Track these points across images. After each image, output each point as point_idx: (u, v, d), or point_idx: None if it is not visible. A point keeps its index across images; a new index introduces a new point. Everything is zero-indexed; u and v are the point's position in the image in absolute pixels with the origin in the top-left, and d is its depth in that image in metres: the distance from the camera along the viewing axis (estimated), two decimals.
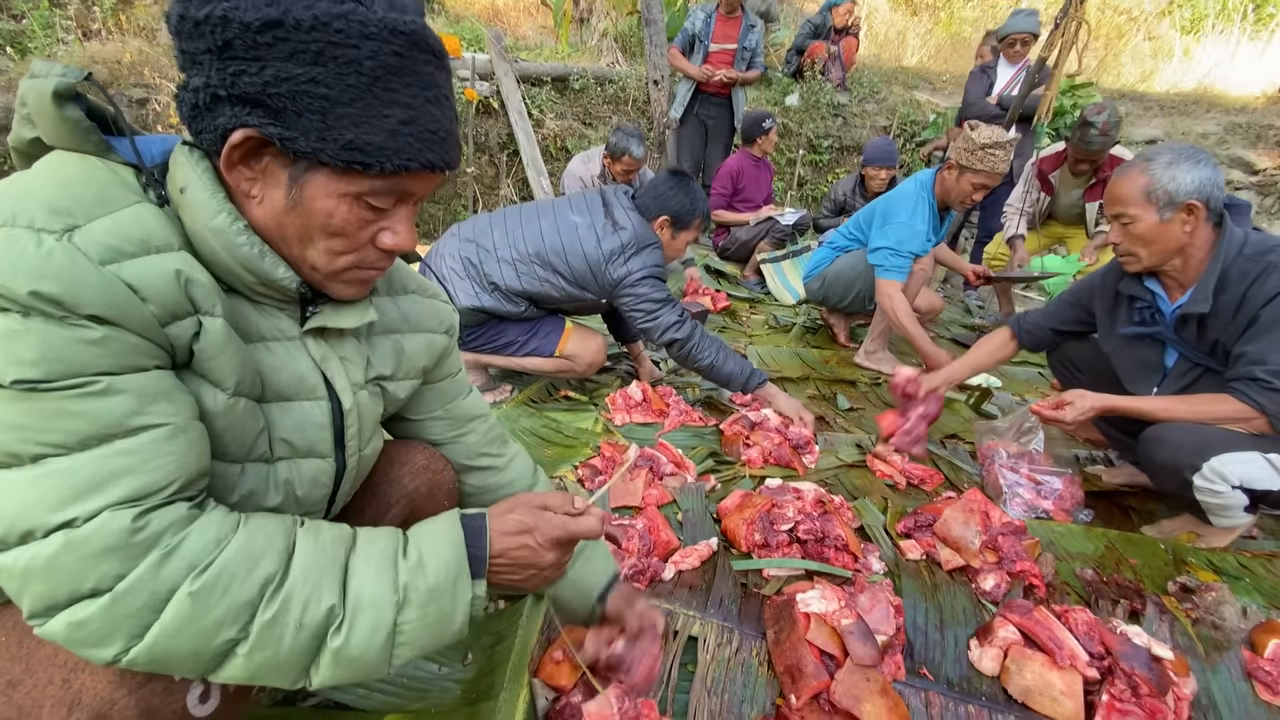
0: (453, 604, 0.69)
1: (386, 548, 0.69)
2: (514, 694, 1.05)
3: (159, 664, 0.58)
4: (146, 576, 0.56)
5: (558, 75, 5.98)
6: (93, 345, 0.56)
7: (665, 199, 2.19)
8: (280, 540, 0.64)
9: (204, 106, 0.62)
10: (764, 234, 4.58)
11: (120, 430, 0.57)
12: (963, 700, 1.17)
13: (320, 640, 0.63)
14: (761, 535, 1.52)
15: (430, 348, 0.95)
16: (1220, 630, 1.37)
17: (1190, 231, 1.58)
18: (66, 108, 0.61)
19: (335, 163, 0.63)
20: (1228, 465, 1.51)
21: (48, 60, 0.62)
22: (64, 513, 0.55)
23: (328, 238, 0.68)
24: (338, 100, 0.61)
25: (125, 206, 0.60)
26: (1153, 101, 7.82)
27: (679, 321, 2.16)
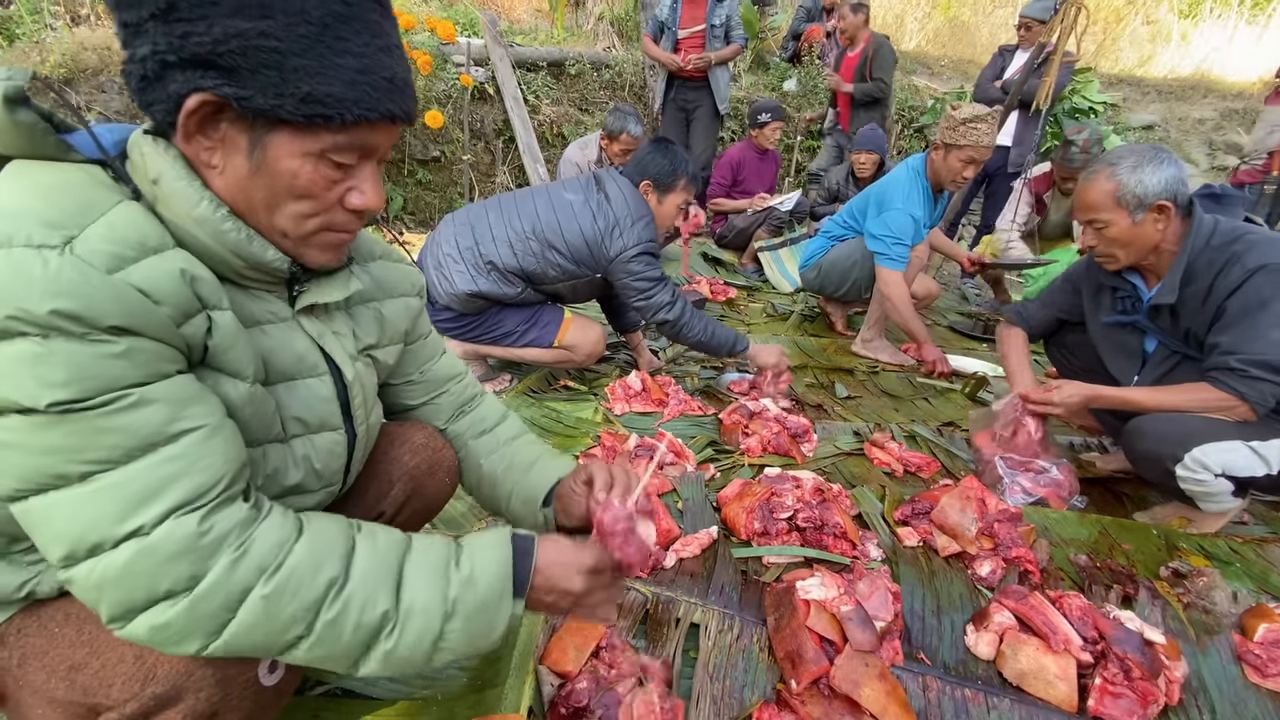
0: (494, 619, 0.72)
1: (440, 558, 0.72)
2: (520, 681, 1.07)
3: (233, 652, 0.62)
4: (221, 579, 0.59)
5: (553, 60, 5.92)
6: (118, 359, 0.56)
7: (645, 164, 2.21)
8: (340, 544, 0.68)
9: (153, 76, 0.60)
10: (761, 221, 4.57)
11: (162, 438, 0.59)
12: (959, 684, 1.19)
13: (373, 640, 0.66)
14: (761, 523, 1.54)
15: (407, 311, 0.97)
16: (1211, 615, 1.39)
17: (1163, 229, 1.61)
18: (19, 112, 0.59)
19: (296, 118, 0.62)
20: (1209, 455, 1.54)
21: None
22: (129, 523, 0.57)
23: (295, 200, 0.67)
24: (289, 52, 0.60)
25: (110, 208, 0.59)
26: (1150, 86, 7.80)
27: (671, 302, 2.19)
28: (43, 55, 4.30)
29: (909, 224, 2.72)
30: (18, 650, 0.70)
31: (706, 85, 4.80)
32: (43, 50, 4.33)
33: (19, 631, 0.71)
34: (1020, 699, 1.17)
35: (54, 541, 0.57)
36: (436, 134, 5.02)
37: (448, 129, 4.98)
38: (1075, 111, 5.47)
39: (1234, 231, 1.59)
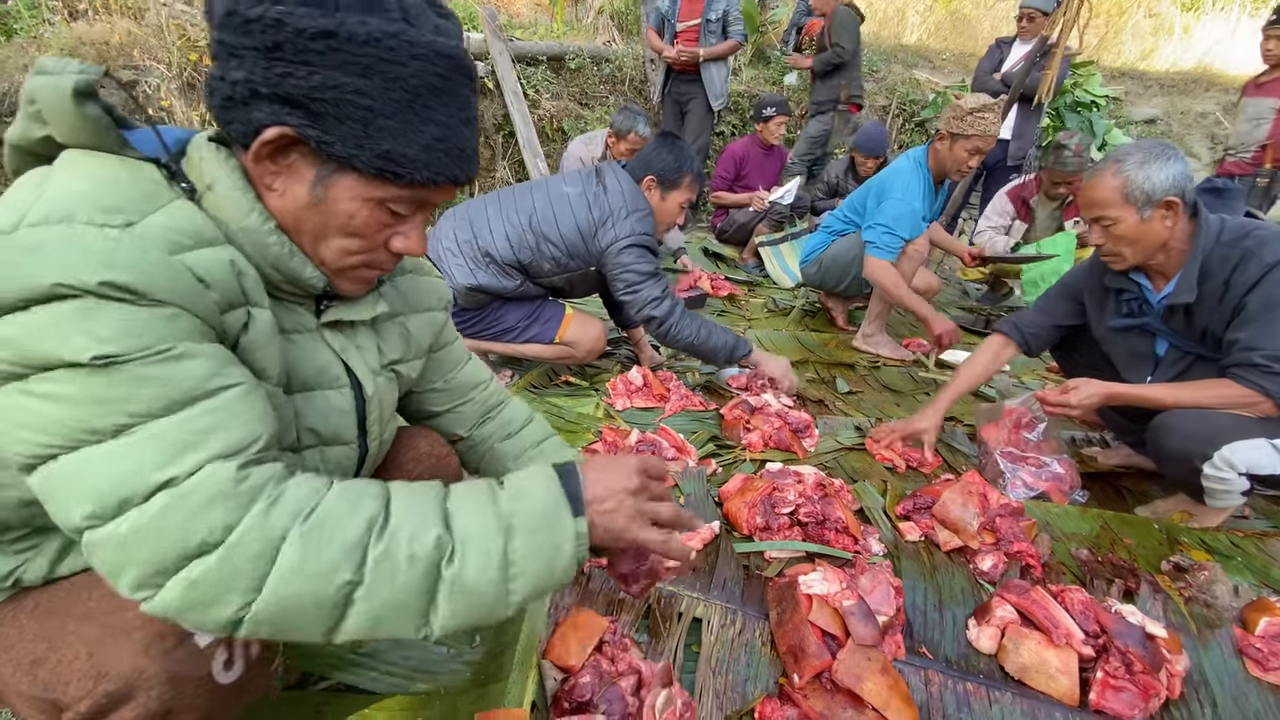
0: (558, 533, 0.68)
1: (481, 487, 0.70)
2: (523, 675, 1.07)
3: (285, 619, 0.57)
4: (255, 524, 0.56)
5: (553, 54, 5.91)
6: (166, 321, 0.57)
7: (649, 160, 2.18)
8: (376, 489, 0.65)
9: (240, 100, 0.63)
10: (762, 216, 4.56)
11: (201, 391, 0.58)
12: (961, 678, 1.19)
13: (435, 572, 0.62)
14: (763, 518, 1.54)
15: (432, 325, 0.98)
16: (1212, 608, 1.40)
17: (1171, 226, 1.59)
18: (87, 106, 0.60)
19: (368, 169, 0.65)
20: (1237, 453, 1.52)
21: (56, 57, 0.62)
22: (164, 472, 0.55)
23: (344, 237, 0.71)
24: (380, 112, 0.63)
25: (168, 203, 0.61)
26: (1152, 80, 7.77)
27: (659, 298, 2.13)
28: (41, 50, 4.28)
29: (907, 215, 2.72)
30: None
31: (700, 80, 4.76)
32: (41, 45, 4.32)
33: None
34: (1022, 693, 1.17)
35: (80, 500, 0.54)
36: None
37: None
38: (1077, 105, 5.45)
39: (1243, 227, 1.58)
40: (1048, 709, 1.14)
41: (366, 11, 0.61)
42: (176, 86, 4.48)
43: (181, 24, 4.68)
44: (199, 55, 4.65)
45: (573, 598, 1.29)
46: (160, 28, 4.63)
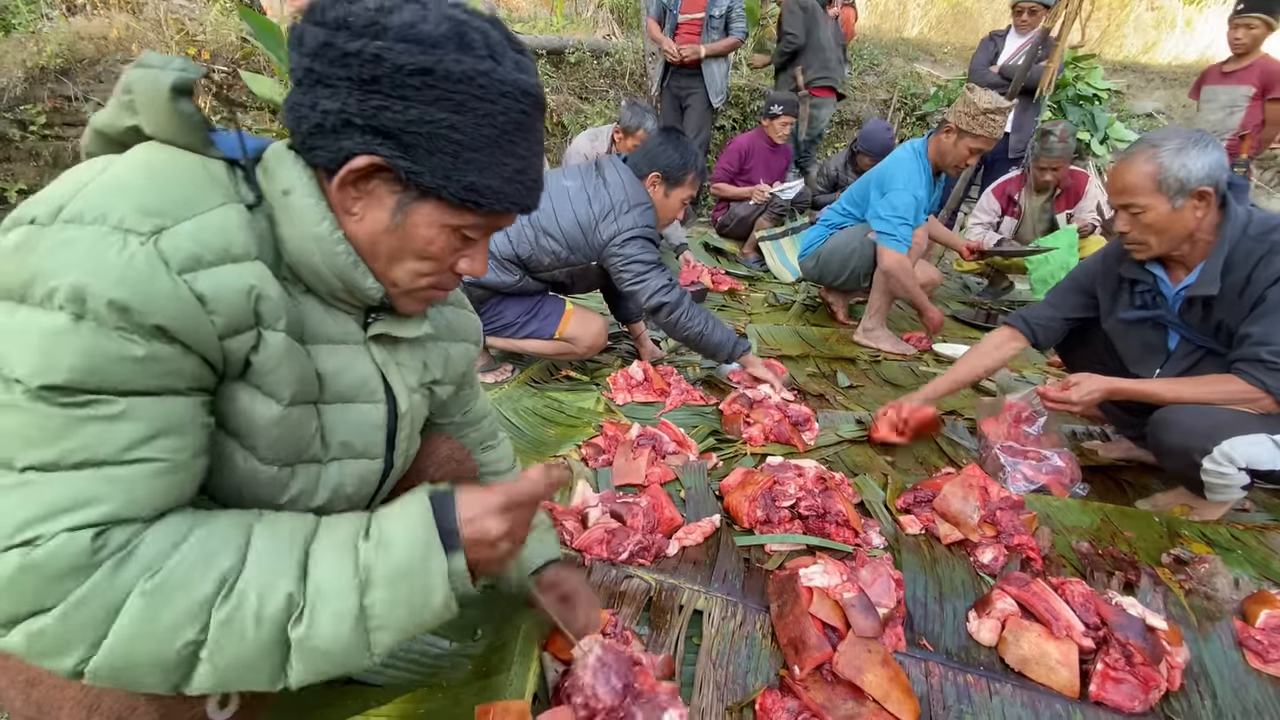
0: (426, 579, 0.64)
1: (347, 532, 0.65)
2: (524, 668, 1.07)
3: (122, 673, 0.55)
4: (102, 583, 0.54)
5: (553, 48, 5.89)
6: (134, 363, 0.55)
7: (655, 155, 2.17)
8: (238, 535, 0.61)
9: (331, 128, 0.64)
10: (762, 210, 4.55)
11: (114, 459, 0.56)
12: (961, 670, 1.20)
13: (283, 634, 0.59)
14: (764, 512, 1.54)
15: (468, 356, 1.01)
16: (1213, 601, 1.40)
17: (1201, 217, 1.55)
18: (181, 103, 0.62)
19: (453, 200, 0.68)
20: (1237, 448, 1.51)
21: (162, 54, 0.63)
22: (27, 530, 0.52)
23: (418, 260, 0.73)
24: (469, 146, 0.66)
25: (212, 209, 0.61)
26: (1154, 73, 7.74)
27: (667, 285, 2.13)
28: (39, 45, 4.27)
29: (912, 203, 2.72)
30: None
31: (700, 75, 4.73)
32: (39, 40, 4.30)
33: None
34: (1022, 684, 1.17)
35: None
36: None
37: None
38: (1079, 99, 5.43)
39: (1270, 221, 1.55)
40: (1048, 700, 1.14)
41: (460, 50, 0.63)
42: None
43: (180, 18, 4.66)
44: (197, 50, 4.63)
45: None
46: (159, 22, 4.61)
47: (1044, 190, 3.71)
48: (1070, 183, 3.71)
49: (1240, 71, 3.82)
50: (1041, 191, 3.73)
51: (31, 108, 4.21)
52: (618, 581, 1.34)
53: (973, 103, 2.57)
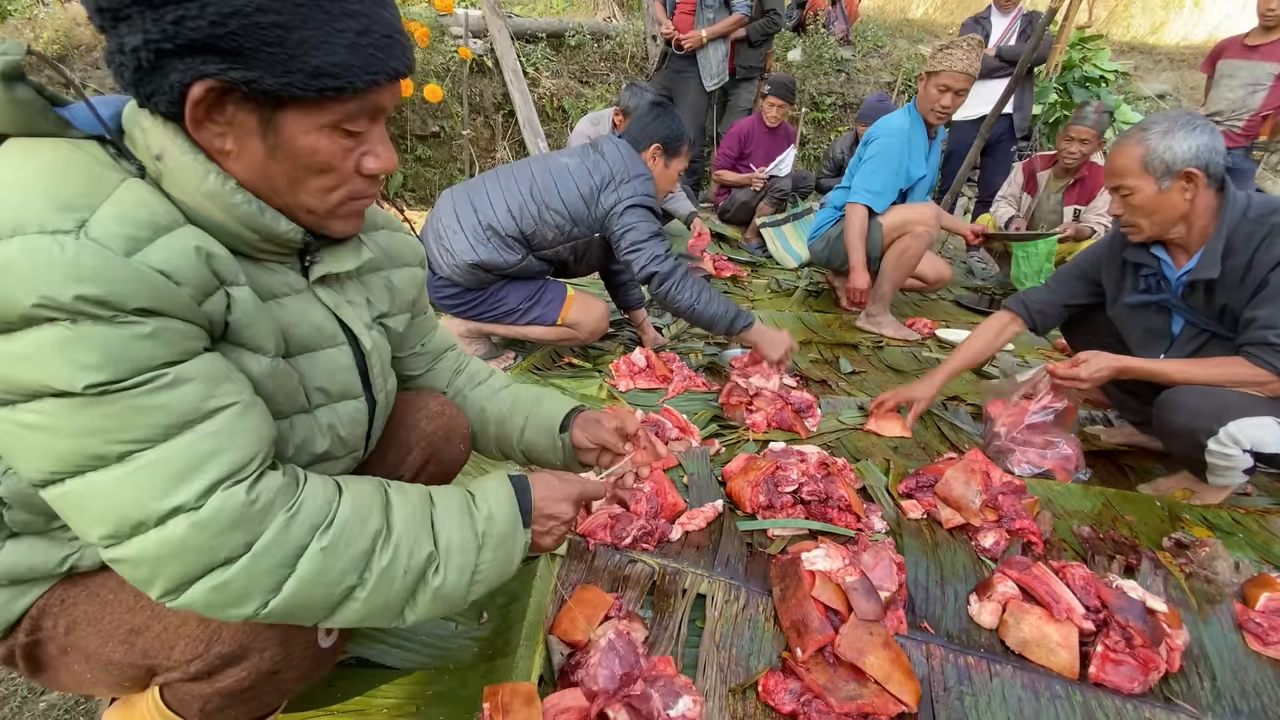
0: (513, 548, 0.80)
1: (461, 504, 0.78)
2: (530, 650, 1.08)
3: (291, 613, 0.64)
4: (279, 537, 0.62)
5: (553, 31, 5.82)
6: (148, 339, 0.56)
7: (652, 128, 2.17)
8: (379, 499, 0.72)
9: (149, 66, 0.58)
10: (763, 195, 4.52)
11: (198, 415, 0.59)
12: (962, 652, 1.21)
13: (421, 580, 0.71)
14: (766, 497, 1.55)
15: (414, 280, 0.99)
16: (1213, 584, 1.41)
17: (1191, 199, 1.56)
18: (17, 89, 0.57)
19: (307, 94, 0.61)
20: (1243, 430, 1.52)
21: None
22: (171, 499, 0.57)
23: (317, 176, 0.68)
24: (290, 25, 0.58)
25: (115, 188, 0.58)
26: (1162, 55, 7.65)
27: (662, 256, 2.10)
28: (36, 32, 4.24)
29: (890, 148, 2.79)
30: (64, 618, 0.72)
31: (693, 59, 4.61)
32: (36, 27, 4.27)
33: (63, 601, 0.73)
34: (1022, 666, 1.18)
35: (95, 522, 0.57)
36: (435, 108, 4.96)
37: (446, 103, 4.92)
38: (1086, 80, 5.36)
39: (1270, 204, 1.55)
40: (1048, 682, 1.15)
41: None
42: None
43: None
44: None
45: (579, 575, 1.30)
46: None
47: (1067, 169, 3.59)
48: (1087, 174, 3.58)
49: (1266, 46, 3.54)
50: (1063, 173, 3.62)
51: None
52: (621, 566, 1.35)
53: (935, 43, 2.73)
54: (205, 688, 0.73)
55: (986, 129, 4.05)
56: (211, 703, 0.75)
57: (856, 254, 2.87)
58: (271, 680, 0.75)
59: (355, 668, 1.09)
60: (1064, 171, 3.63)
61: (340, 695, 1.03)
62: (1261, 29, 3.58)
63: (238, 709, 0.78)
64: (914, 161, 2.87)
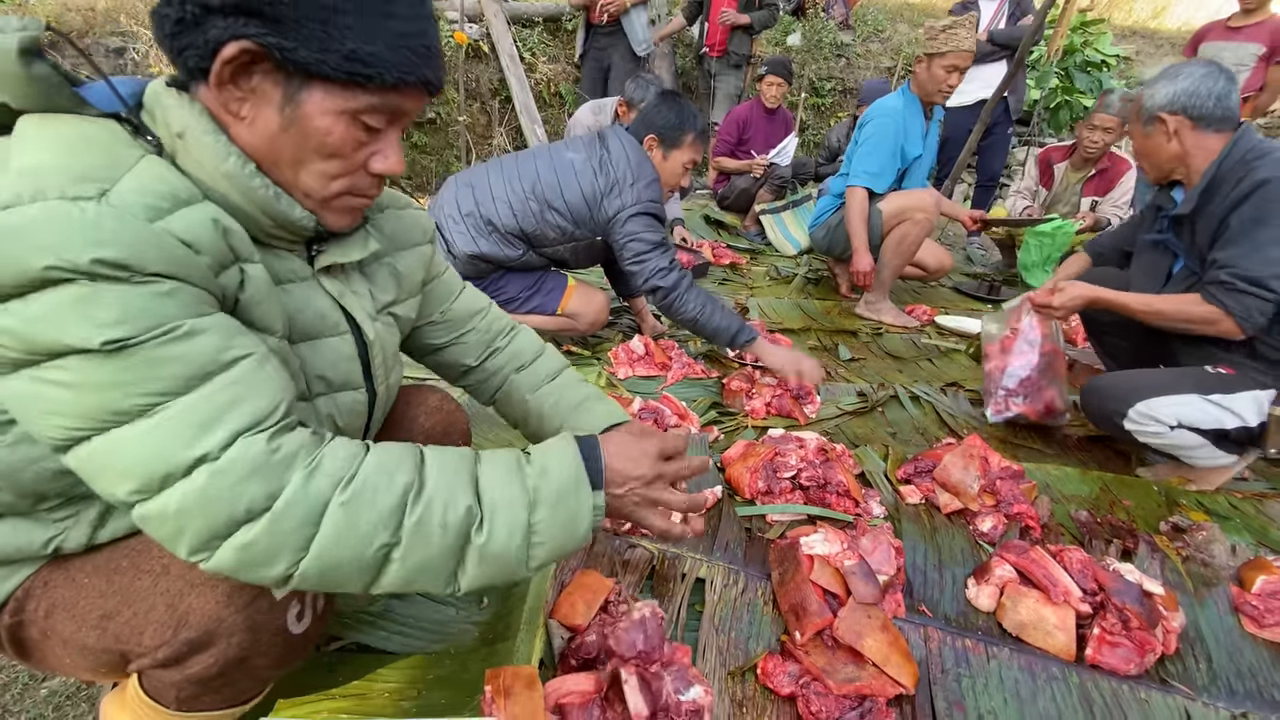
0: (577, 506, 0.73)
1: (509, 459, 0.73)
2: (530, 634, 1.09)
3: (328, 576, 0.62)
4: (298, 492, 0.60)
5: (549, 16, 5.76)
6: (165, 297, 0.56)
7: (650, 118, 2.12)
8: (410, 456, 0.68)
9: (191, 20, 0.59)
10: (763, 181, 4.50)
11: (216, 366, 0.59)
12: (960, 635, 1.22)
13: (465, 539, 0.66)
14: (765, 483, 1.55)
15: (421, 260, 0.96)
16: (1209, 567, 1.41)
17: (1175, 142, 1.65)
18: (34, 65, 0.57)
19: (337, 75, 0.62)
20: (1157, 408, 1.60)
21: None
22: (196, 448, 0.57)
23: (323, 159, 0.67)
24: (338, 8, 0.60)
25: (135, 163, 0.58)
26: (1163, 39, 7.59)
27: (666, 269, 2.08)
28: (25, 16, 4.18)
29: (885, 129, 2.78)
30: (45, 602, 0.72)
31: (620, 31, 4.47)
32: (26, 11, 4.21)
33: (45, 584, 0.73)
34: (1019, 649, 1.19)
35: (122, 478, 0.57)
36: None
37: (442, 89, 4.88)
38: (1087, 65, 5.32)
39: (1265, 148, 1.58)
40: (1044, 664, 1.16)
41: None
42: None
43: None
44: None
45: (579, 560, 1.31)
46: None
47: (1087, 160, 3.54)
48: (1108, 165, 3.52)
49: (1249, 28, 3.55)
50: (1083, 164, 3.57)
51: None
52: (621, 551, 1.35)
53: (931, 28, 2.68)
54: (176, 674, 0.73)
55: (987, 114, 4.02)
56: (185, 690, 0.75)
57: (858, 236, 2.86)
58: (242, 667, 0.74)
59: (356, 653, 1.09)
60: (1083, 162, 3.56)
61: (341, 680, 1.03)
62: (1243, 11, 3.58)
63: (212, 696, 0.77)
64: (910, 142, 2.86)
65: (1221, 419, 1.58)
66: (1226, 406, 1.58)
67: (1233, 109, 1.62)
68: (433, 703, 1.01)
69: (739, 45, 4.90)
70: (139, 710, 0.81)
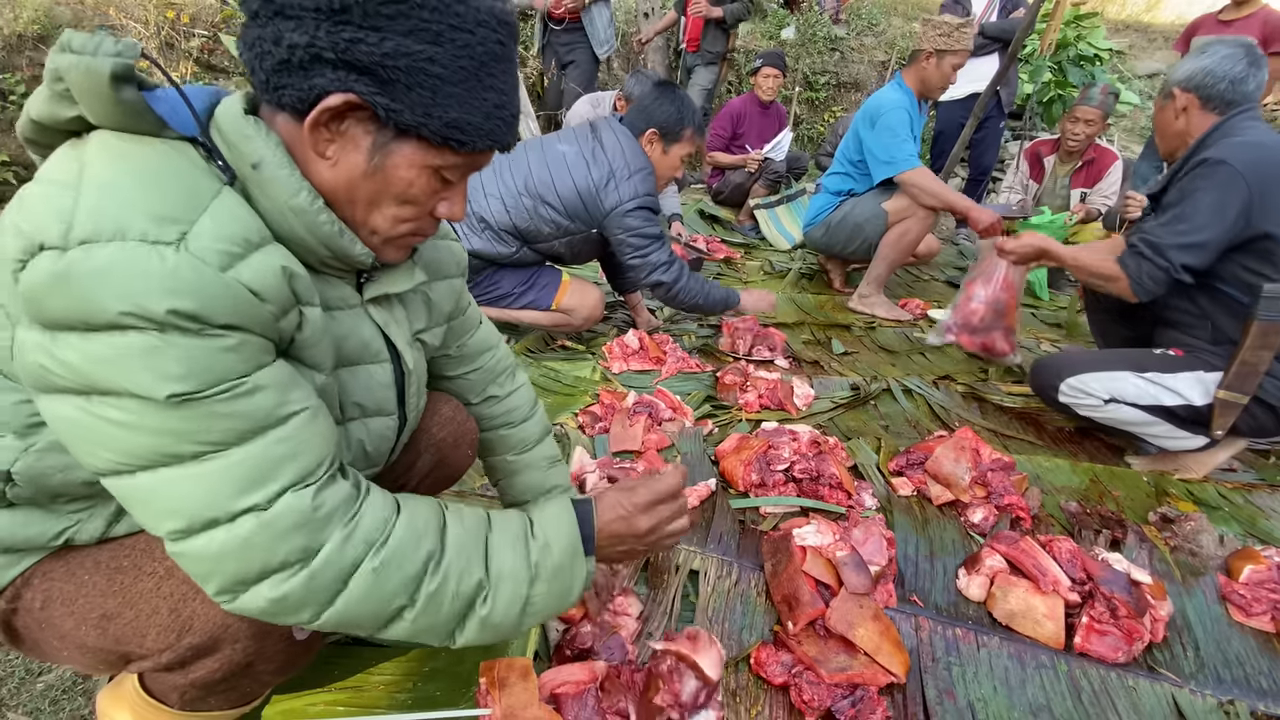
0: (571, 578, 0.76)
1: (518, 529, 0.76)
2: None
3: (343, 624, 0.65)
4: (334, 554, 0.62)
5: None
6: (230, 352, 0.57)
7: (650, 111, 2.10)
8: (434, 521, 0.71)
9: (299, 65, 0.59)
10: (758, 176, 4.50)
11: (272, 421, 0.60)
12: (950, 624, 1.23)
13: (470, 608, 0.70)
14: (758, 475, 1.56)
15: (452, 291, 0.98)
16: (1197, 557, 1.43)
17: (1182, 119, 1.68)
18: (124, 91, 0.57)
19: (433, 138, 0.64)
20: (1089, 382, 1.73)
21: (86, 33, 0.56)
22: (246, 499, 0.58)
23: (398, 205, 0.70)
24: (448, 80, 0.62)
25: (213, 199, 0.59)
26: (1157, 33, 7.61)
27: (667, 263, 2.12)
28: (15, 12, 4.14)
29: (902, 118, 2.77)
30: (42, 593, 0.72)
31: (580, 28, 4.38)
32: (16, 7, 4.17)
33: (45, 575, 0.73)
34: (1009, 637, 1.21)
35: (165, 516, 0.58)
36: None
37: None
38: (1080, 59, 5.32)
39: (1234, 129, 1.61)
40: (1033, 652, 1.18)
41: None
42: (155, 46, 4.36)
43: None
44: (176, 13, 4.50)
45: None
46: None
47: (1072, 153, 3.59)
48: (1094, 157, 3.58)
49: (1240, 21, 3.56)
50: (1069, 157, 3.62)
51: (10, 76, 4.10)
52: None
53: (944, 23, 2.71)
54: (179, 678, 0.73)
55: (980, 107, 4.02)
56: (188, 693, 0.75)
57: (958, 201, 2.74)
58: (246, 672, 0.75)
59: (351, 646, 1.10)
60: (1069, 155, 3.61)
61: (338, 674, 1.04)
62: (1234, 4, 3.60)
63: (216, 698, 0.78)
64: (914, 134, 2.88)
65: (1158, 396, 1.66)
66: (1163, 384, 1.66)
67: (1246, 94, 1.62)
68: (428, 695, 1.02)
69: (713, 42, 4.87)
70: (140, 708, 0.81)
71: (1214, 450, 1.75)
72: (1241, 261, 1.59)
